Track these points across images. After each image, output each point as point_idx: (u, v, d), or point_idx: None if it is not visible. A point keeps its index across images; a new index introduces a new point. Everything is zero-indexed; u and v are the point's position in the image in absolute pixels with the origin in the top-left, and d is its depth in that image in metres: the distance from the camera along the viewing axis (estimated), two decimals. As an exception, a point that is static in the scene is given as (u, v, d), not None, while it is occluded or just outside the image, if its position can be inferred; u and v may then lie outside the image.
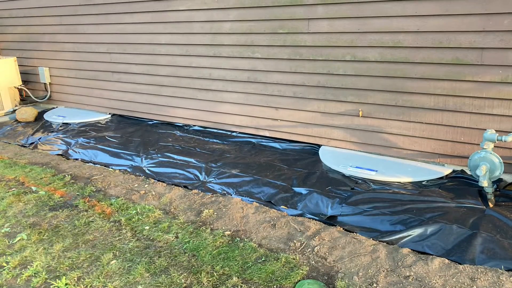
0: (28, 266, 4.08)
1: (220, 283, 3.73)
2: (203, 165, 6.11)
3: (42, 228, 4.76)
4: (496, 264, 3.73)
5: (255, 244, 4.24)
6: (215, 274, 3.83)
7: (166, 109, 7.98)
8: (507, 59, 4.75)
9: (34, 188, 5.73)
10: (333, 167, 5.67)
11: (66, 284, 3.79)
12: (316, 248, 4.12)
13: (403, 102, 5.49)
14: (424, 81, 5.29)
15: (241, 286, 3.68)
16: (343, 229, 4.44)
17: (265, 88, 6.59)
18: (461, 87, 5.08)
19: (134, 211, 5.00)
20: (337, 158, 5.90)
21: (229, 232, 4.49)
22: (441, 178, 5.25)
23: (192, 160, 6.30)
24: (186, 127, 7.78)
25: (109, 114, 8.89)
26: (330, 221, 4.65)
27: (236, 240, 4.34)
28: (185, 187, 5.65)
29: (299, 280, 3.71)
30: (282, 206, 5.03)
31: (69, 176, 6.08)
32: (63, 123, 8.50)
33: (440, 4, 4.98)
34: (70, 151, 7.15)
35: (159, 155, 6.58)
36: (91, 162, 6.72)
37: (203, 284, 3.73)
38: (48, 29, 9.33)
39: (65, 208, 5.20)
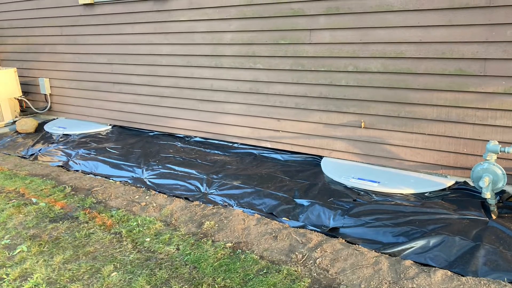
0: (28, 278, 4.05)
1: (221, 295, 3.71)
2: (204, 176, 6.08)
3: (42, 240, 4.74)
4: (499, 276, 3.71)
5: (256, 256, 4.22)
6: (216, 286, 3.80)
7: (167, 120, 7.97)
8: (510, 70, 4.74)
9: (34, 200, 5.70)
10: (335, 178, 5.65)
11: (66, 296, 3.78)
12: (318, 260, 4.09)
13: (406, 113, 5.47)
14: (427, 92, 5.28)
15: (243, 298, 3.66)
16: (345, 241, 4.41)
17: (267, 99, 6.58)
18: (464, 98, 5.06)
19: (135, 223, 4.98)
20: (339, 169, 5.88)
21: (230, 244, 4.46)
22: (444, 189, 5.22)
23: (193, 171, 6.28)
24: (187, 138, 7.76)
25: (110, 125, 8.87)
26: (332, 233, 4.62)
27: (237, 252, 4.31)
28: (186, 198, 5.62)
29: (302, 293, 3.69)
30: (283, 218, 5.00)
31: (70, 188, 6.06)
32: (64, 134, 8.48)
33: (443, 14, 4.97)
34: (70, 163, 7.13)
35: (160, 166, 6.56)
36: (91, 174, 6.70)
37: (205, 296, 3.71)
38: (48, 40, 9.34)
39: (66, 219, 5.18)
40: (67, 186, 6.11)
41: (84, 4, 8.36)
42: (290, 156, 6.57)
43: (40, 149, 7.81)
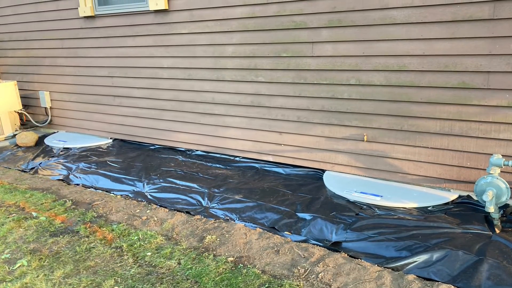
0: (28, 294, 4.02)
1: (224, 311, 3.68)
2: (206, 190, 6.05)
3: (42, 254, 4.70)
4: (504, 291, 3.68)
5: (258, 271, 4.18)
6: (218, 302, 3.77)
7: (168, 133, 7.95)
8: (514, 83, 4.74)
9: (34, 214, 5.67)
10: (337, 192, 5.62)
11: (66, 312, 3.74)
12: (320, 274, 4.06)
13: (409, 126, 5.45)
14: (430, 106, 5.26)
15: (246, 314, 3.63)
16: (348, 255, 4.38)
17: (269, 112, 6.56)
18: (467, 112, 5.04)
19: (136, 237, 4.94)
20: (341, 183, 5.85)
21: (232, 259, 4.43)
22: (447, 203, 5.19)
23: (195, 185, 6.25)
24: (188, 152, 7.73)
25: (111, 138, 8.85)
26: (335, 247, 4.59)
27: (239, 267, 4.27)
28: (187, 212, 5.59)
29: (305, 308, 3.65)
30: (285, 232, 4.97)
31: (70, 202, 6.03)
32: (64, 148, 8.46)
33: (446, 27, 4.97)
34: (71, 176, 7.11)
35: (161, 180, 6.53)
36: (92, 187, 6.67)
37: (207, 312, 3.67)
38: (48, 53, 9.34)
39: (66, 234, 5.14)
40: (67, 200, 6.08)
41: (85, 17, 8.37)
42: (292, 169, 6.55)
43: (41, 163, 7.78)
